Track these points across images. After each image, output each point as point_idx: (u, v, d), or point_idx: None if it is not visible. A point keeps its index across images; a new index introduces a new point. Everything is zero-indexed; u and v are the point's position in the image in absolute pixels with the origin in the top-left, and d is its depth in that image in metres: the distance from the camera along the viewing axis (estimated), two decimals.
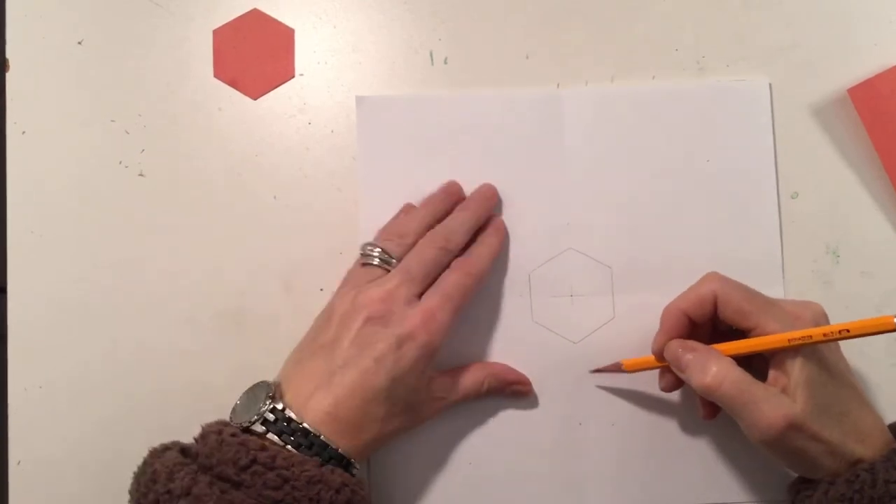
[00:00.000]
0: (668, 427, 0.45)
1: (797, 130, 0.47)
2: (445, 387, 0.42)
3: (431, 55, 0.47)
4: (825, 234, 0.46)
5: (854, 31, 0.47)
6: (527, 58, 0.47)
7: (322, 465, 0.36)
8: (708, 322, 0.41)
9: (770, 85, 0.47)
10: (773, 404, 0.37)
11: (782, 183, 0.46)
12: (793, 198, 0.46)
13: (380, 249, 0.42)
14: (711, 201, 0.46)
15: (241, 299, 0.46)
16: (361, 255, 0.43)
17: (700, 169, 0.46)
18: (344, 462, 0.38)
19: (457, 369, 0.43)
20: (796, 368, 0.37)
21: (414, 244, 0.42)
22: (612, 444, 0.45)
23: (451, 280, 0.41)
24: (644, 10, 0.47)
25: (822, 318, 0.40)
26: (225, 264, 0.46)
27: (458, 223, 0.43)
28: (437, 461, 0.44)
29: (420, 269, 0.41)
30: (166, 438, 0.39)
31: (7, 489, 0.44)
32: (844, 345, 0.39)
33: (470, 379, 0.43)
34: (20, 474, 0.45)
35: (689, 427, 0.45)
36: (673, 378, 0.42)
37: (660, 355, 0.41)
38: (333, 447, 0.37)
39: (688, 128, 0.46)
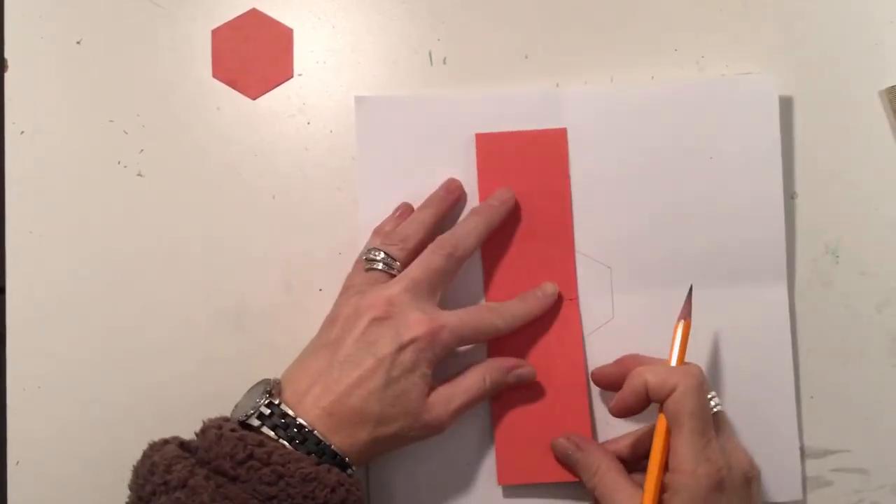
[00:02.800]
0: None
1: (796, 131, 0.47)
2: (447, 391, 0.41)
3: (430, 55, 0.47)
4: (825, 234, 0.46)
5: (854, 30, 0.47)
6: (526, 57, 0.47)
7: (318, 463, 0.36)
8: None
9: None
10: None
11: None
12: (792, 198, 0.46)
13: (383, 254, 0.42)
14: (714, 199, 0.45)
15: (240, 298, 0.46)
16: (364, 259, 0.42)
17: (703, 166, 0.45)
18: (339, 460, 0.38)
19: (455, 375, 0.42)
20: None
21: (416, 247, 0.42)
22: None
23: (474, 312, 0.42)
24: (644, 9, 0.47)
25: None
26: (224, 264, 0.46)
27: (468, 229, 0.43)
28: (437, 461, 0.44)
29: (425, 277, 0.41)
30: None
31: (6, 489, 0.45)
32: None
33: (470, 378, 0.42)
34: (20, 474, 0.45)
35: None
36: (627, 405, 0.40)
37: (600, 381, 0.44)
38: (326, 443, 0.37)
39: (690, 124, 0.45)
